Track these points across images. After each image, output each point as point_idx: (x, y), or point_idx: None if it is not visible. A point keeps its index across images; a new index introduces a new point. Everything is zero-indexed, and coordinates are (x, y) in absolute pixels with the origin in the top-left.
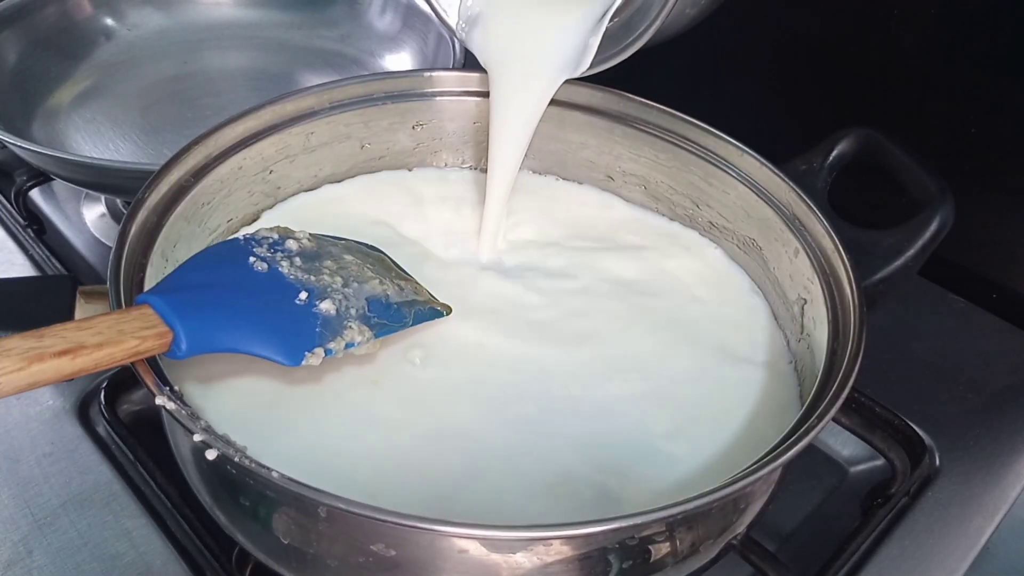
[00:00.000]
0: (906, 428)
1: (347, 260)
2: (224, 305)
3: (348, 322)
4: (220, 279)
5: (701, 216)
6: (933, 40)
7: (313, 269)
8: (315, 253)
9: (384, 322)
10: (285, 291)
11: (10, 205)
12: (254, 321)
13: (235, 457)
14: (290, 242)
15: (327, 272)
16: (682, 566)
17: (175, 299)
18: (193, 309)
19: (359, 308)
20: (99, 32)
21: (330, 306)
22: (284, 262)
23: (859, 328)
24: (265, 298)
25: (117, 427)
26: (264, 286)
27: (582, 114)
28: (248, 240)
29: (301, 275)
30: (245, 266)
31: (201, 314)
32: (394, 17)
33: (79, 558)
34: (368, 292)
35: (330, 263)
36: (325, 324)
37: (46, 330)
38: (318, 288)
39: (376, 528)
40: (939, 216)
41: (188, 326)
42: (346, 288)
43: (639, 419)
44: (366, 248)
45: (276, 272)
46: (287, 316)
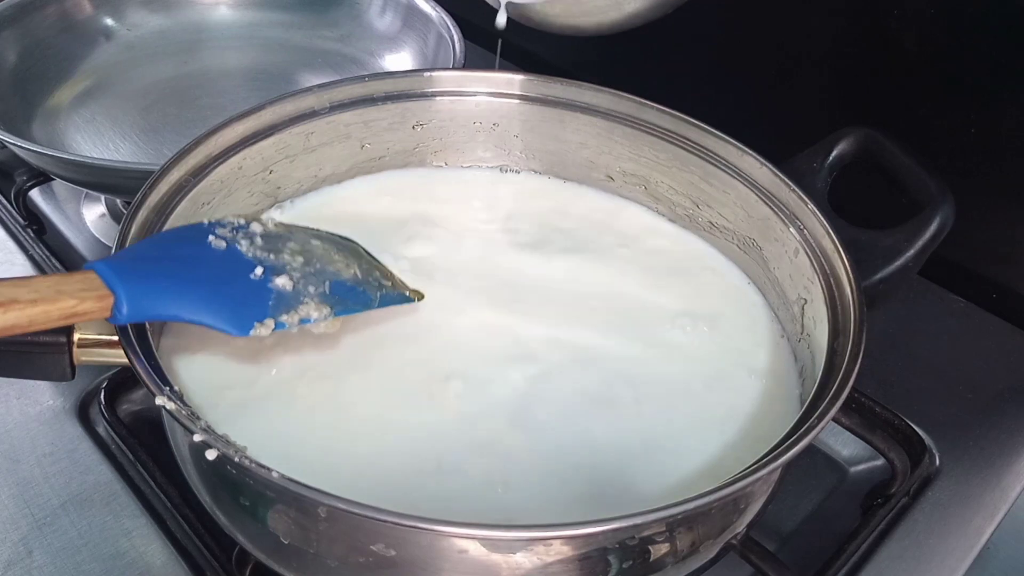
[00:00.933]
0: (906, 428)
1: (313, 245)
2: (171, 275)
3: (305, 298)
4: (173, 253)
5: (701, 216)
6: (933, 40)
7: (274, 249)
8: (279, 236)
9: (346, 302)
10: (240, 266)
11: (10, 205)
12: (202, 291)
13: (235, 457)
14: (255, 225)
15: (288, 252)
16: (682, 566)
17: (121, 266)
18: (138, 276)
19: (320, 287)
20: (99, 32)
21: (286, 282)
22: (244, 241)
23: (859, 328)
24: (218, 271)
25: (117, 427)
26: (218, 261)
27: (582, 114)
28: (212, 224)
29: (260, 253)
30: (202, 243)
31: (146, 281)
32: (394, 17)
33: (79, 558)
34: (331, 274)
35: (293, 245)
36: (279, 298)
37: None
38: (275, 265)
39: (376, 528)
40: (939, 216)
41: (130, 291)
42: (307, 267)
43: (639, 419)
44: (339, 239)
45: (234, 249)
46: (239, 288)
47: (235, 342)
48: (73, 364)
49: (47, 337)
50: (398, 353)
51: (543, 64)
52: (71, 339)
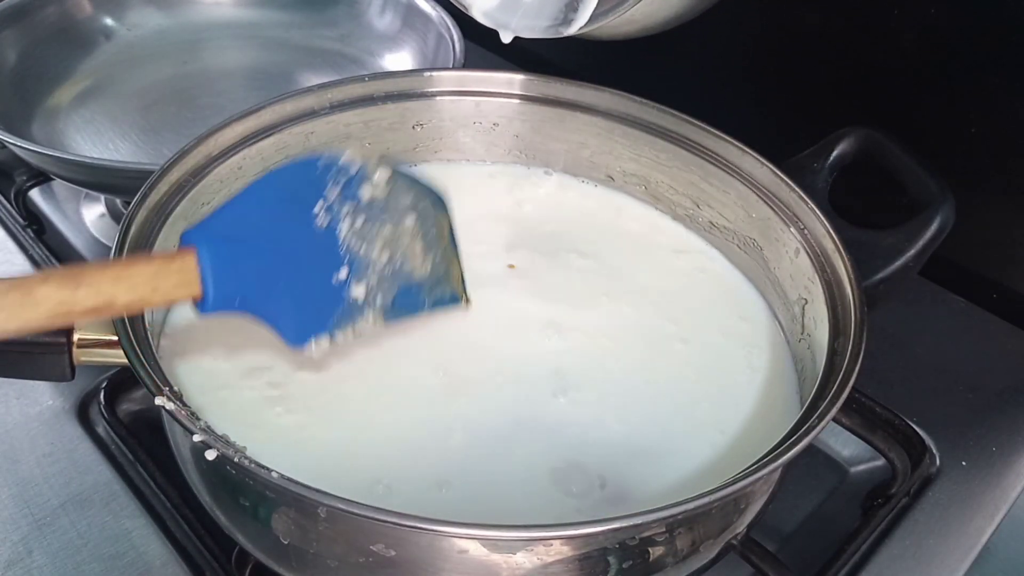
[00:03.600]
0: (906, 428)
1: (405, 227)
2: (265, 273)
3: (368, 312)
4: (275, 232)
5: (701, 216)
6: (933, 40)
7: (369, 235)
8: (381, 208)
9: (401, 309)
10: (329, 261)
11: (10, 205)
12: (284, 295)
13: (235, 457)
14: (365, 188)
15: (380, 243)
16: (682, 566)
17: (221, 258)
18: (233, 276)
19: (386, 297)
20: (99, 32)
21: (361, 292)
22: (347, 220)
23: (859, 328)
24: (307, 267)
25: (117, 427)
26: (312, 249)
27: (582, 114)
28: (327, 169)
29: (354, 242)
30: (307, 216)
31: (238, 282)
32: (394, 17)
33: (79, 558)
34: (405, 277)
35: (388, 229)
36: (346, 311)
37: (83, 276)
38: (360, 265)
39: (376, 528)
40: (939, 216)
41: (220, 293)
42: (386, 269)
43: (639, 419)
44: (432, 201)
45: (332, 234)
46: (317, 293)
47: (234, 341)
48: (73, 364)
49: (47, 337)
50: (398, 353)
51: (543, 64)
52: (71, 339)
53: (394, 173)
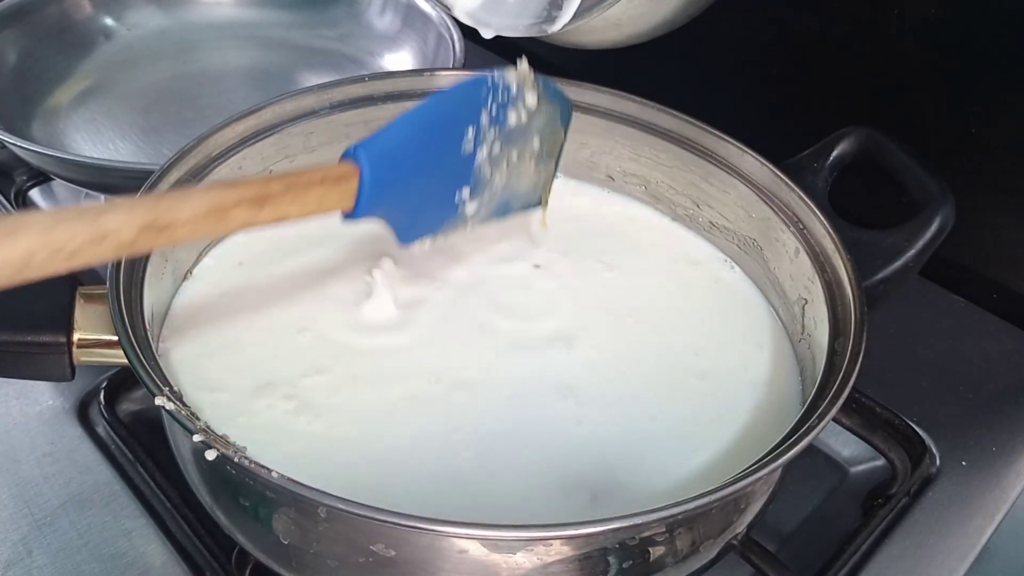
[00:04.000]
0: (906, 428)
1: (530, 148)
2: (406, 191)
3: (469, 222)
4: (426, 155)
5: (701, 216)
6: (933, 40)
7: (499, 160)
8: (519, 131)
9: (492, 217)
10: (460, 180)
11: (10, 205)
12: (415, 204)
13: (235, 457)
14: (513, 113)
15: (505, 165)
16: (682, 566)
17: (380, 181)
18: (383, 197)
19: (491, 208)
20: (99, 32)
21: (473, 209)
22: (487, 144)
23: (859, 328)
24: (440, 184)
25: (117, 427)
26: (451, 170)
27: (582, 114)
28: (492, 90)
29: (485, 167)
30: (458, 140)
31: (384, 201)
32: (394, 17)
33: (79, 558)
34: (512, 190)
35: (516, 152)
36: (455, 221)
37: (268, 199)
38: (481, 186)
39: (376, 528)
40: (940, 216)
41: (367, 210)
42: (500, 188)
43: (639, 419)
44: (561, 116)
45: (472, 157)
46: (440, 205)
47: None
48: (73, 364)
49: (47, 337)
50: (397, 353)
51: (543, 64)
52: (71, 339)
53: (543, 90)
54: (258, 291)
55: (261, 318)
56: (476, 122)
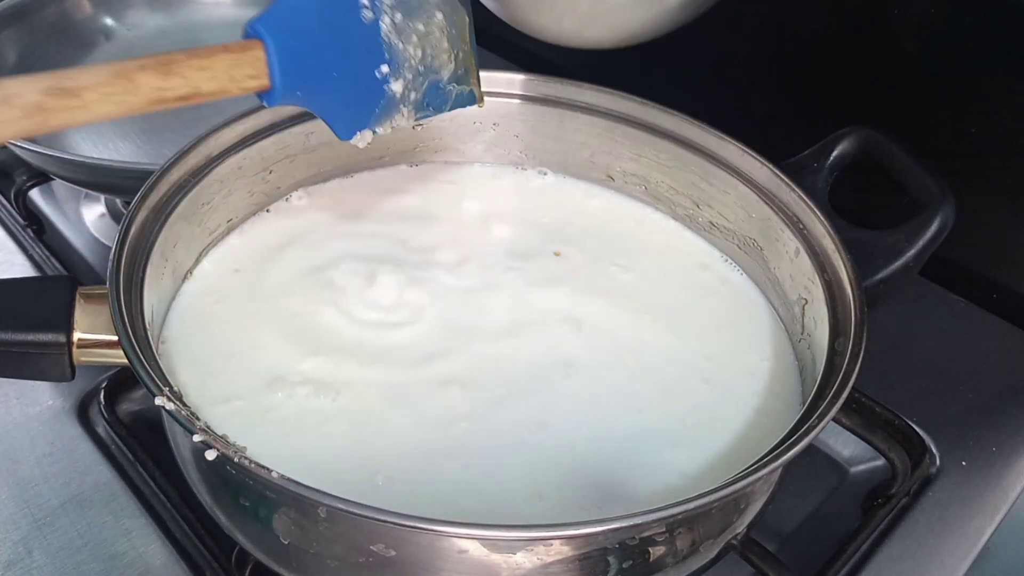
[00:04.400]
0: (906, 428)
1: (436, 22)
2: (321, 67)
3: (403, 107)
4: (329, 24)
5: (701, 216)
6: (933, 40)
7: (404, 31)
8: (416, 2)
9: (428, 107)
10: (372, 55)
11: (10, 205)
12: (336, 88)
13: (235, 457)
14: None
15: (415, 38)
16: (682, 566)
17: (286, 51)
18: (296, 69)
19: (419, 93)
20: (99, 32)
21: (399, 88)
22: (387, 13)
23: (859, 328)
24: (354, 61)
25: (117, 427)
26: (359, 43)
27: (582, 114)
28: None
29: (393, 38)
30: (355, 8)
31: (300, 74)
32: None
33: (79, 558)
34: (433, 73)
35: (422, 26)
36: (385, 106)
37: (174, 65)
38: (399, 61)
39: (376, 528)
40: (940, 216)
41: (286, 85)
42: (420, 66)
43: (639, 419)
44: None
45: (376, 27)
46: (363, 87)
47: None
48: (73, 364)
49: (47, 337)
50: (397, 353)
51: (544, 64)
52: (71, 339)
53: None
54: (259, 291)
55: (262, 317)
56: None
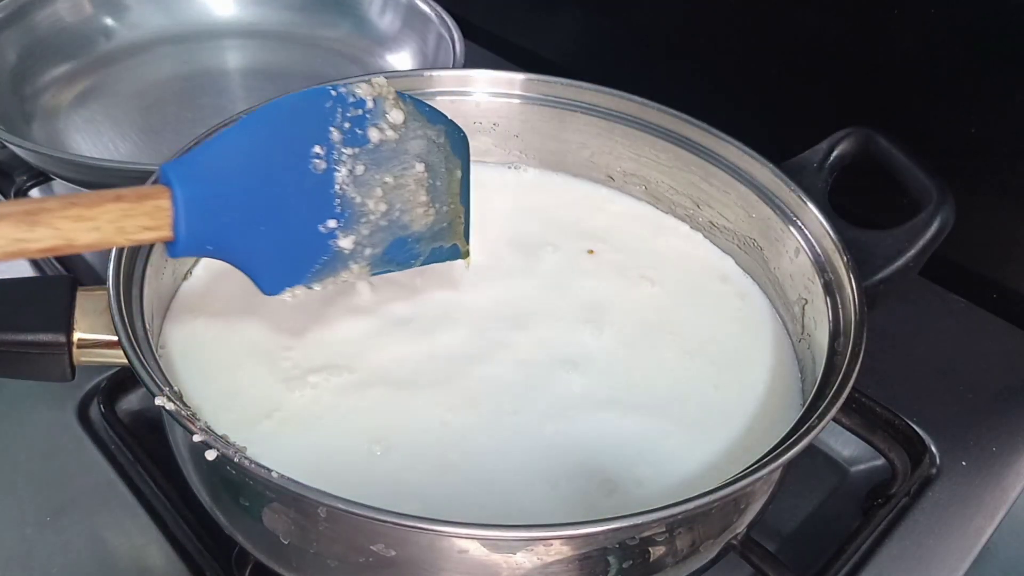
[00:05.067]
0: (906, 428)
1: (412, 175)
2: (245, 218)
3: (353, 264)
4: (263, 173)
5: (701, 216)
6: (933, 40)
7: (367, 183)
8: (390, 153)
9: (391, 262)
10: (318, 208)
11: None
12: (263, 240)
13: (235, 457)
14: (374, 131)
15: (379, 192)
16: (682, 566)
17: (198, 201)
18: (209, 221)
19: (377, 249)
20: (99, 32)
21: (348, 244)
22: (345, 164)
23: (859, 328)
24: (292, 213)
25: (117, 427)
26: (302, 193)
27: (582, 114)
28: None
29: (349, 191)
30: (303, 158)
31: (214, 226)
32: (394, 17)
33: (79, 558)
34: (401, 229)
35: (391, 179)
36: (330, 261)
37: (41, 215)
38: (352, 216)
39: (376, 528)
40: (940, 216)
41: (193, 238)
42: (382, 220)
43: (639, 419)
44: (451, 144)
45: (328, 179)
46: (299, 241)
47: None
48: (73, 364)
49: (47, 337)
50: (397, 353)
51: (544, 64)
52: (71, 339)
53: (414, 109)
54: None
55: (264, 316)
56: (324, 139)
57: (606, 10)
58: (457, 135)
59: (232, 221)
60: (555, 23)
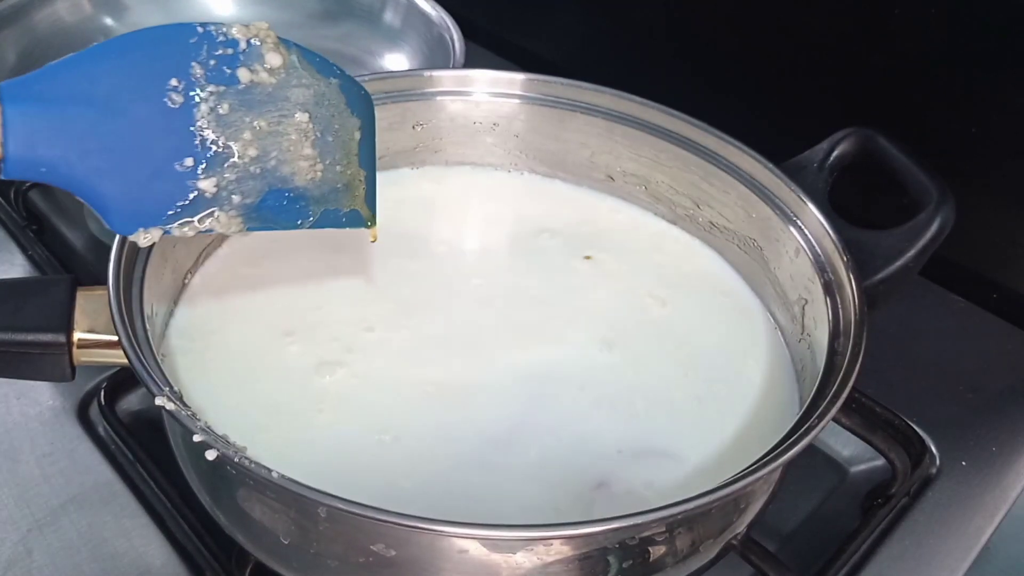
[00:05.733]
0: (906, 428)
1: (292, 123)
2: (86, 143)
3: (219, 211)
4: (110, 100)
5: (701, 216)
6: (933, 40)
7: (234, 124)
8: (264, 97)
9: (269, 219)
10: (174, 145)
11: (10, 205)
12: (110, 171)
13: (235, 457)
14: (243, 71)
15: (248, 136)
16: (682, 566)
17: (30, 117)
18: (43, 140)
19: (248, 196)
20: (99, 32)
21: (210, 186)
22: (206, 101)
23: (859, 328)
24: (144, 146)
25: (117, 427)
26: (156, 128)
27: (582, 114)
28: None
29: (211, 130)
30: (159, 91)
31: (49, 147)
32: (394, 17)
33: (79, 558)
34: (280, 181)
35: (263, 124)
36: (191, 204)
37: None
38: (215, 158)
39: (376, 528)
40: (940, 216)
41: (22, 156)
42: (253, 167)
43: (639, 419)
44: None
45: (186, 114)
46: (153, 179)
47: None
48: (73, 364)
49: (47, 337)
50: (396, 353)
51: (544, 64)
52: (71, 339)
53: (299, 58)
54: (261, 290)
55: (265, 315)
56: (183, 74)
57: (606, 10)
58: (356, 92)
59: (71, 146)
60: (555, 23)
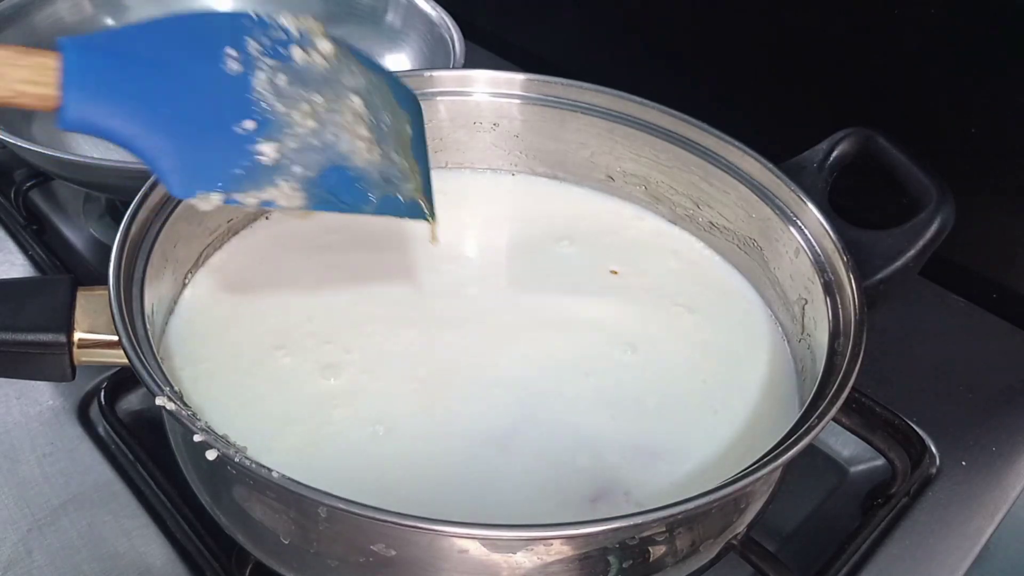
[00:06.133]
0: (906, 428)
1: (348, 104)
2: (146, 100)
3: (281, 179)
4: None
5: (701, 216)
6: (933, 40)
7: (291, 96)
8: (318, 76)
9: (331, 197)
10: (233, 107)
11: (10, 205)
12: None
13: (235, 457)
14: (296, 51)
15: (306, 107)
16: (682, 566)
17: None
18: (103, 92)
19: (310, 171)
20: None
21: (272, 151)
22: (264, 71)
23: (859, 328)
24: (202, 106)
25: (117, 427)
26: (215, 90)
27: (582, 114)
28: (253, 23)
29: (270, 97)
30: (216, 57)
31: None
32: (394, 17)
33: (79, 558)
34: (337, 155)
35: (320, 99)
36: (252, 169)
37: None
38: (275, 124)
39: (376, 528)
40: (940, 216)
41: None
42: (313, 139)
43: (639, 419)
44: (397, 98)
45: (244, 81)
46: (213, 140)
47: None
48: (73, 364)
49: (47, 337)
50: (399, 354)
51: (544, 64)
52: (71, 339)
53: (348, 51)
54: (262, 290)
55: (266, 315)
56: (239, 45)
57: (606, 11)
58: (403, 91)
59: (126, 100)
60: (555, 23)
